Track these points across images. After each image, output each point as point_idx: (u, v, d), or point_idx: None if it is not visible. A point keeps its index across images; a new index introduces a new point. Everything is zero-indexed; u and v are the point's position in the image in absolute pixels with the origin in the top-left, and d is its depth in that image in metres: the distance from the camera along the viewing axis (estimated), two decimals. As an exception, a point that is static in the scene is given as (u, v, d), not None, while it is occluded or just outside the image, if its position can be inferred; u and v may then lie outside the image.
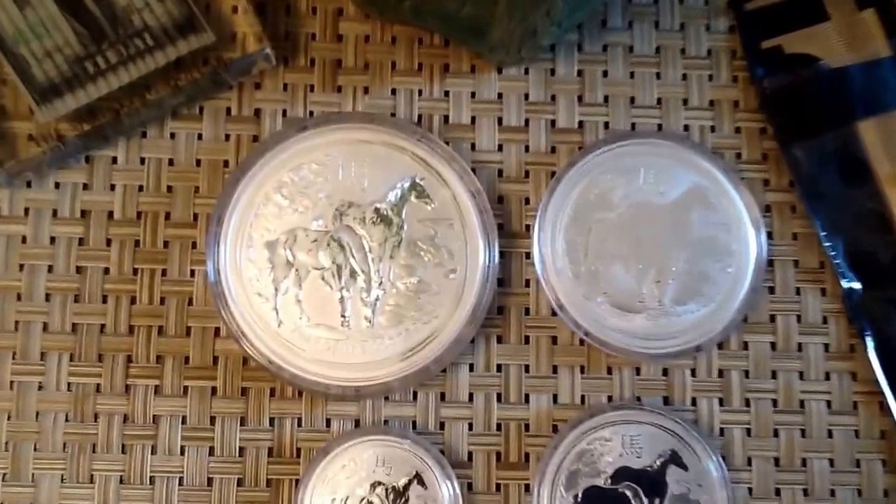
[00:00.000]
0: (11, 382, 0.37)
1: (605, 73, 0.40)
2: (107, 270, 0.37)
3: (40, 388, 0.37)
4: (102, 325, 0.37)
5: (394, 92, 0.39)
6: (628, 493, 0.36)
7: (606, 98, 0.40)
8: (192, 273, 0.37)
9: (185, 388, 0.37)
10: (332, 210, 0.37)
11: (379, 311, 0.36)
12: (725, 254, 0.38)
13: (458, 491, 0.36)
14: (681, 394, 0.38)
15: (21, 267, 0.37)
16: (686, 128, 0.40)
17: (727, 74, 0.40)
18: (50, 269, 0.37)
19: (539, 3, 0.34)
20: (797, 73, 0.40)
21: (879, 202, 0.39)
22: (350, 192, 0.37)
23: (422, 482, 0.36)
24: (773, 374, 0.38)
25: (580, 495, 0.36)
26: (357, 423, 0.37)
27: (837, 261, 0.39)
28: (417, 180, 0.37)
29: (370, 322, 0.36)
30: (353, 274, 0.36)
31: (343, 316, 0.36)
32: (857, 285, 0.39)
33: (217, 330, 0.37)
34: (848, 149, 0.39)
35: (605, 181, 0.38)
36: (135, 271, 0.37)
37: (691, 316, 0.38)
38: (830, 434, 0.38)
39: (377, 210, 0.37)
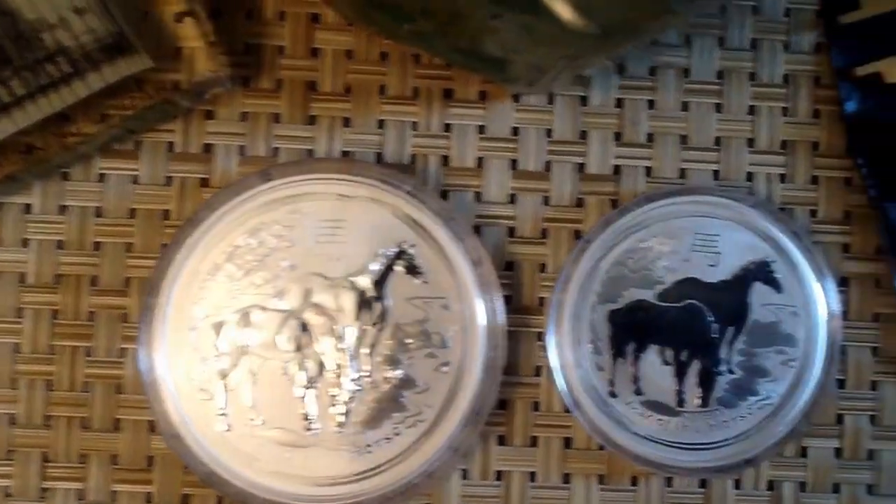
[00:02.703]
0: None
1: (650, 104, 0.32)
2: (17, 347, 0.31)
3: (-60, 488, 0.31)
4: (12, 416, 0.30)
5: (381, 124, 0.31)
6: None
7: (651, 136, 0.32)
8: (123, 352, 0.30)
9: (114, 493, 0.30)
10: (297, 284, 0.29)
11: (353, 411, 0.29)
12: (789, 343, 0.31)
13: None
14: (721, 510, 0.31)
15: (-88, 341, 0.31)
16: (749, 176, 0.32)
17: (807, 107, 0.32)
18: (-51, 343, 0.31)
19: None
20: (899, 110, 0.31)
21: None
22: (321, 263, 0.29)
23: None
24: (836, 488, 0.31)
25: None
26: (325, 541, 0.31)
27: (927, 349, 0.31)
28: (406, 249, 0.29)
29: (341, 426, 0.29)
30: (321, 365, 0.29)
31: (307, 418, 0.29)
32: (949, 380, 0.31)
33: (153, 423, 0.30)
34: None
35: (645, 248, 0.31)
36: (52, 349, 0.30)
37: (742, 421, 0.30)
38: (903, 559, 0.31)
39: (354, 286, 0.29)
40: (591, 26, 0.22)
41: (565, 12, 0.22)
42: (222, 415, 0.29)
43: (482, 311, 0.30)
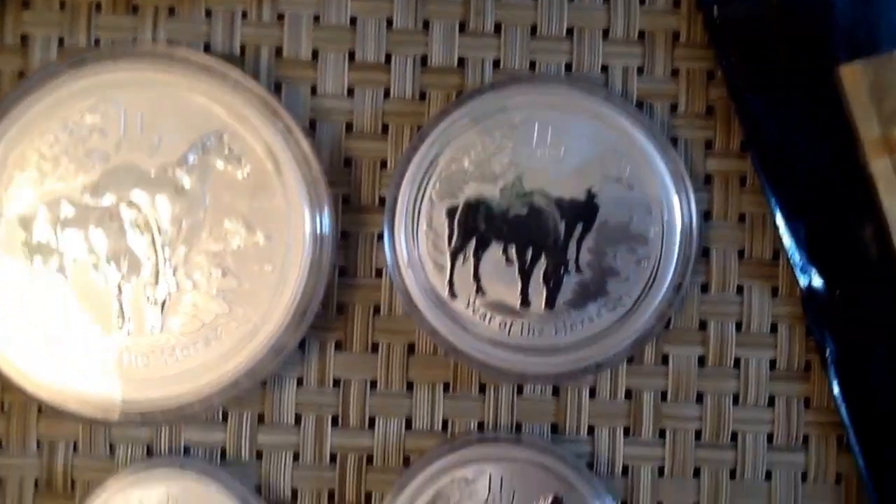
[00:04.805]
0: None
1: (497, -9, 0.30)
2: None
3: None
4: None
5: (208, 14, 0.29)
6: (493, 550, 0.28)
7: (498, 26, 0.30)
8: (-63, 253, 0.29)
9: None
10: (110, 177, 0.28)
11: (170, 311, 0.28)
12: (640, 242, 0.29)
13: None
14: (574, 420, 0.29)
15: None
16: (605, 68, 0.30)
17: (666, -6, 0.30)
18: None
19: None
20: (763, -3, 0.29)
21: (860, 174, 0.29)
22: (135, 153, 0.28)
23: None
24: (699, 398, 0.30)
25: (429, 553, 0.28)
26: (150, 451, 0.29)
27: (797, 251, 0.29)
28: (224, 138, 0.28)
29: (158, 326, 0.28)
30: (135, 262, 0.28)
31: (121, 316, 0.28)
32: (820, 284, 0.29)
33: (-29, 327, 0.29)
34: (824, 103, 0.29)
35: (486, 141, 0.29)
36: None
37: (591, 324, 0.29)
38: (769, 476, 0.29)
39: (170, 176, 0.28)
40: None
41: None
42: (33, 314, 0.27)
43: (308, 209, 0.28)
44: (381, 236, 0.29)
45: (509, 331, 0.29)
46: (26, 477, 0.29)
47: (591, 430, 0.29)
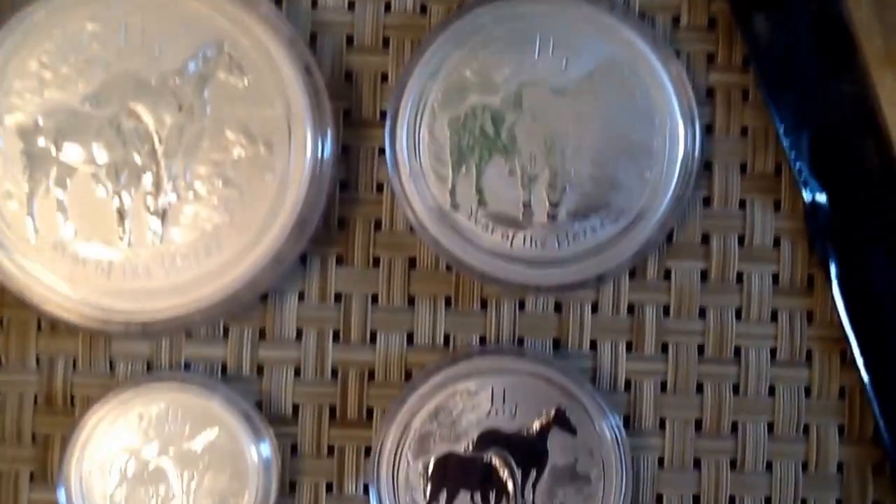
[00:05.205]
0: None
1: None
2: None
3: None
4: None
5: (208, -73, 0.29)
6: (496, 462, 0.28)
7: (499, -62, 0.30)
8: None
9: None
10: (110, 85, 0.27)
11: (170, 221, 0.28)
12: (644, 153, 0.29)
13: (268, 454, 0.28)
14: (576, 335, 0.29)
15: None
16: (606, -19, 0.30)
17: None
18: None
19: None
20: None
21: (862, 88, 0.29)
22: (136, 62, 0.28)
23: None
24: (702, 312, 0.29)
25: (431, 465, 0.28)
26: (150, 366, 0.29)
27: (800, 165, 0.29)
28: (225, 47, 0.28)
29: (158, 236, 0.27)
30: (135, 172, 0.27)
31: (122, 228, 0.27)
32: (823, 198, 0.29)
33: (-31, 241, 0.29)
34: (828, 17, 0.29)
35: (487, 53, 0.29)
36: None
37: (593, 235, 0.29)
38: (772, 391, 0.29)
39: (171, 86, 0.28)
40: None
41: None
42: (31, 218, 0.27)
43: (309, 119, 0.28)
44: (382, 151, 0.29)
45: (511, 242, 0.28)
46: (26, 393, 0.29)
47: (593, 344, 0.29)
